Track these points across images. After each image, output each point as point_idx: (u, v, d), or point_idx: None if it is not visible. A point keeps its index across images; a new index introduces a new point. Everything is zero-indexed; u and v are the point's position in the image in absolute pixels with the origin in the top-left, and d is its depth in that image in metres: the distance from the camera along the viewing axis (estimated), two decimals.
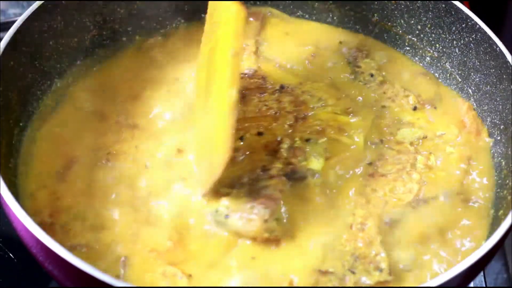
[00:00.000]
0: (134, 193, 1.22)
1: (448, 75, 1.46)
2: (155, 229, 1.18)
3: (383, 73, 1.46)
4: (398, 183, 1.27)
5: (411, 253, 1.18)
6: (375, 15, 1.52)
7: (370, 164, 1.29)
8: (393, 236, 1.20)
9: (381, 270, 1.14)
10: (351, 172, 1.28)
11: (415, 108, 1.40)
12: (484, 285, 1.40)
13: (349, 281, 1.13)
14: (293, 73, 1.43)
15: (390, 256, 1.17)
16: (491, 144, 1.35)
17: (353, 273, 1.13)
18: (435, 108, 1.41)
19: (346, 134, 1.32)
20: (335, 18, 1.56)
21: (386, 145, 1.33)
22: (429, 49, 1.48)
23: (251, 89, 1.36)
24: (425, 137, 1.35)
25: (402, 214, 1.23)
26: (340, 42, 1.50)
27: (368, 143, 1.32)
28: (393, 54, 1.51)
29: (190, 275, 1.12)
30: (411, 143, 1.34)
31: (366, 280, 1.13)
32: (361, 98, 1.40)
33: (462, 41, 1.42)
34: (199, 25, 1.53)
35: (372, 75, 1.44)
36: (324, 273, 1.13)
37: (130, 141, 1.30)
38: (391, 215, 1.23)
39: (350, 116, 1.34)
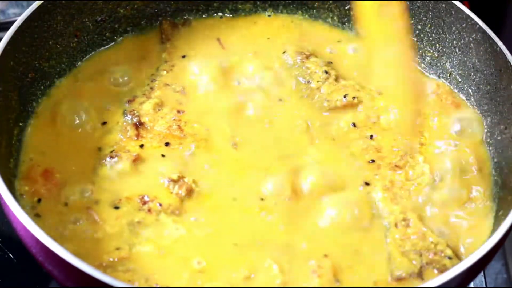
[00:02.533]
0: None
1: (448, 75, 1.46)
2: None
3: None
4: (408, 169, 1.29)
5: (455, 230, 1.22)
6: None
7: (373, 161, 1.30)
8: (434, 221, 1.23)
9: (450, 257, 1.17)
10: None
11: (380, 93, 1.41)
12: (484, 285, 1.40)
13: (427, 276, 1.15)
14: None
15: (445, 240, 1.20)
16: (477, 113, 1.40)
17: (427, 267, 1.16)
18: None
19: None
20: (335, 18, 1.56)
21: (378, 136, 1.34)
22: (429, 49, 1.48)
23: None
24: None
25: (429, 197, 1.26)
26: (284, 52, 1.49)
27: (361, 141, 1.34)
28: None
29: None
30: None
31: (445, 269, 1.15)
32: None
33: (462, 41, 1.42)
34: (199, 24, 1.54)
35: (326, 72, 1.44)
36: (402, 279, 1.15)
37: (135, 140, 1.30)
38: (421, 201, 1.25)
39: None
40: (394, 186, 1.27)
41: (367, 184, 1.27)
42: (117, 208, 1.20)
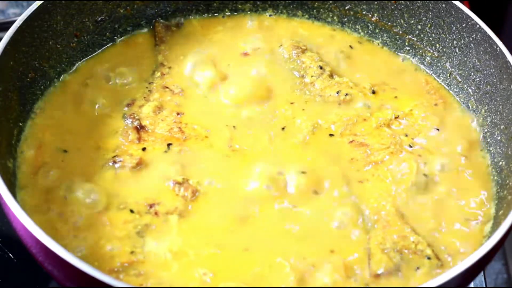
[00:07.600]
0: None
1: (448, 75, 1.46)
2: None
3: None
4: (395, 165, 1.29)
5: (439, 231, 1.22)
6: (375, 15, 1.52)
7: (368, 154, 1.31)
8: (417, 219, 1.23)
9: (429, 257, 1.17)
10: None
11: (373, 92, 1.41)
12: (484, 285, 1.40)
13: (406, 274, 1.15)
14: None
15: (426, 240, 1.19)
16: (463, 107, 1.42)
17: (406, 266, 1.16)
18: (394, 88, 1.44)
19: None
20: (335, 18, 1.56)
21: (368, 132, 1.35)
22: (429, 49, 1.48)
23: None
24: (397, 117, 1.38)
25: (414, 195, 1.26)
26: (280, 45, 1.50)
27: (352, 138, 1.34)
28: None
29: None
30: (388, 125, 1.36)
31: (420, 272, 1.16)
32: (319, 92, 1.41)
33: (462, 41, 1.42)
34: (192, 25, 1.54)
35: (321, 67, 1.44)
36: (380, 276, 1.15)
37: (137, 143, 1.30)
38: (406, 199, 1.25)
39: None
40: (382, 182, 1.27)
41: (360, 182, 1.28)
42: (123, 212, 1.20)
